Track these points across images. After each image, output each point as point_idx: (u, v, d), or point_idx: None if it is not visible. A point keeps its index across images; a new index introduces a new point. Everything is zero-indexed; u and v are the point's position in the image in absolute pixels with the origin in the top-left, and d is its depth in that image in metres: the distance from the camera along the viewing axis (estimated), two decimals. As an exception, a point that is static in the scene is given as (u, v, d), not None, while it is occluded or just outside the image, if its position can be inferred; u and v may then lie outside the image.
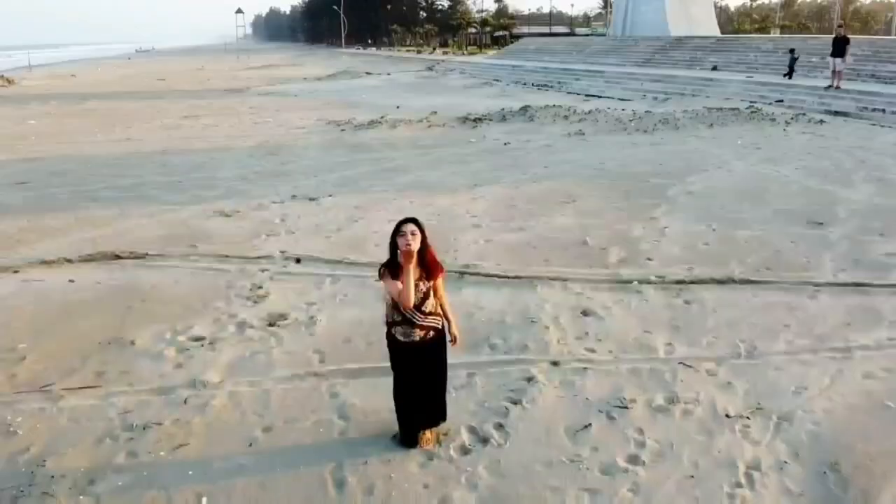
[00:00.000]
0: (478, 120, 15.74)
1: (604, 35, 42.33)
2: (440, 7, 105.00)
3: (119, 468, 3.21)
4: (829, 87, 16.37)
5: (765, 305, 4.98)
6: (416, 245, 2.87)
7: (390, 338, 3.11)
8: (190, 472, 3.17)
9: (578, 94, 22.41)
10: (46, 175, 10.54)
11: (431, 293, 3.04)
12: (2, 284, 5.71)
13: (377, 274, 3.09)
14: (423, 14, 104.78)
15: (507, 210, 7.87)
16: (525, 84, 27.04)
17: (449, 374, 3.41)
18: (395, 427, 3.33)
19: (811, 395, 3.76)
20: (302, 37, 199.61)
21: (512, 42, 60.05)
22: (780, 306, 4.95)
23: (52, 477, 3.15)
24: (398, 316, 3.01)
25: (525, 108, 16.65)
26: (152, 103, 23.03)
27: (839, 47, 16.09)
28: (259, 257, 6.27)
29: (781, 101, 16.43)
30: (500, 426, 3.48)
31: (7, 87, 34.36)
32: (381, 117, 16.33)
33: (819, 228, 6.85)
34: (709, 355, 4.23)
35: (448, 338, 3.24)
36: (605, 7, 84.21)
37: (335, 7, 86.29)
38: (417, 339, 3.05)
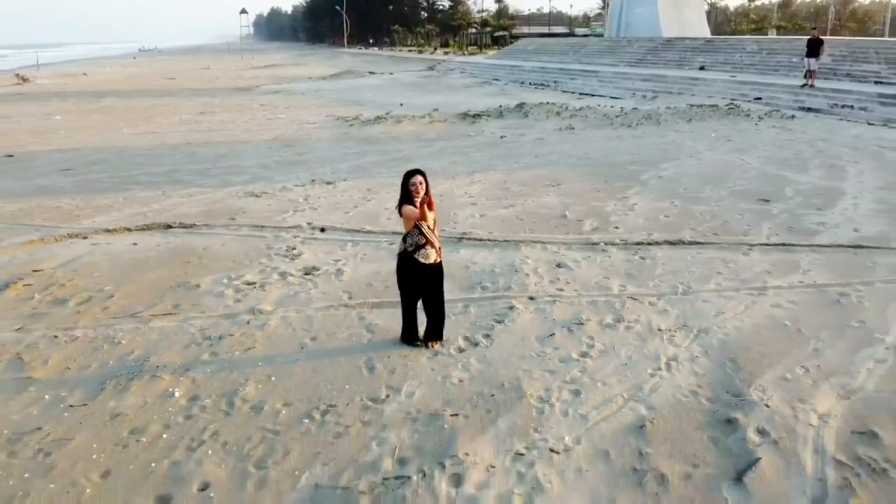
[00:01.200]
0: (476, 116, 16.91)
1: (601, 35, 43.48)
2: (441, 7, 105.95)
3: (205, 362, 4.38)
4: (804, 85, 17.54)
5: (705, 259, 6.14)
6: (423, 188, 4.06)
7: (410, 262, 4.24)
8: (259, 364, 4.33)
9: (573, 93, 23.57)
10: (86, 163, 11.71)
11: (425, 221, 4.18)
12: (77, 246, 6.87)
13: (397, 211, 4.26)
14: (424, 14, 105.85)
15: (500, 192, 9.02)
16: (523, 83, 28.21)
17: (448, 306, 4.59)
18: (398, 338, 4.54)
19: (727, 318, 4.92)
20: (303, 36, 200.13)
21: (511, 42, 61.19)
22: (717, 260, 6.12)
23: (157, 367, 4.31)
24: (422, 239, 4.16)
25: (521, 106, 17.82)
26: (167, 101, 24.20)
27: (813, 48, 17.27)
28: (290, 227, 7.43)
29: (760, 98, 17.59)
30: (486, 335, 4.64)
31: (23, 85, 35.60)
32: (386, 114, 17.49)
33: (765, 204, 8.01)
34: (653, 293, 5.39)
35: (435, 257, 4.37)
36: (604, 7, 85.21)
37: (338, 7, 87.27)
38: (432, 260, 4.21)
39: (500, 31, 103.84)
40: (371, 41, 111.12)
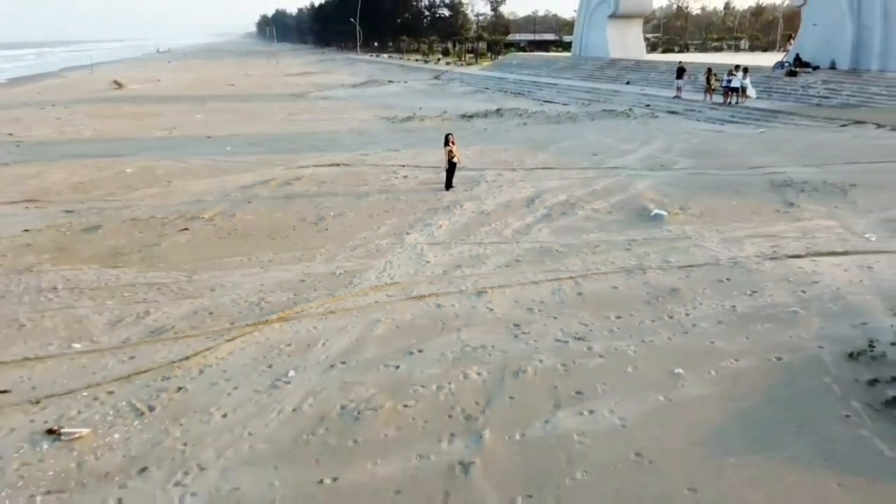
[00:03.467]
0: (471, 116, 26.60)
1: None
2: (441, 15, 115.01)
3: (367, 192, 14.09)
4: (675, 97, 27.29)
5: (558, 174, 15.83)
6: (455, 142, 13.90)
7: (449, 162, 13.94)
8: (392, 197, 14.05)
9: (537, 100, 33.27)
10: (257, 142, 21.36)
11: (455, 154, 13.90)
12: (306, 171, 16.54)
13: (444, 144, 14.00)
14: (426, 23, 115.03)
15: (480, 153, 18.68)
16: (506, 92, 37.90)
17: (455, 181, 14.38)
18: (444, 186, 14.23)
19: (554, 184, 14.61)
20: (310, 39, 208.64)
21: (505, 51, 70.93)
22: (561, 171, 15.82)
23: (368, 193, 14.01)
24: (451, 156, 13.89)
25: (499, 110, 27.57)
26: (253, 104, 33.83)
27: (679, 72, 27.07)
28: (388, 165, 17.13)
29: (648, 105, 27.29)
30: (467, 190, 14.35)
31: (120, 90, 45.01)
32: (413, 115, 27.21)
33: (594, 156, 17.70)
34: (532, 179, 15.12)
35: (458, 164, 14.10)
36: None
37: (352, 20, 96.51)
38: (455, 161, 13.95)
39: (495, 38, 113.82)
40: (375, 44, 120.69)
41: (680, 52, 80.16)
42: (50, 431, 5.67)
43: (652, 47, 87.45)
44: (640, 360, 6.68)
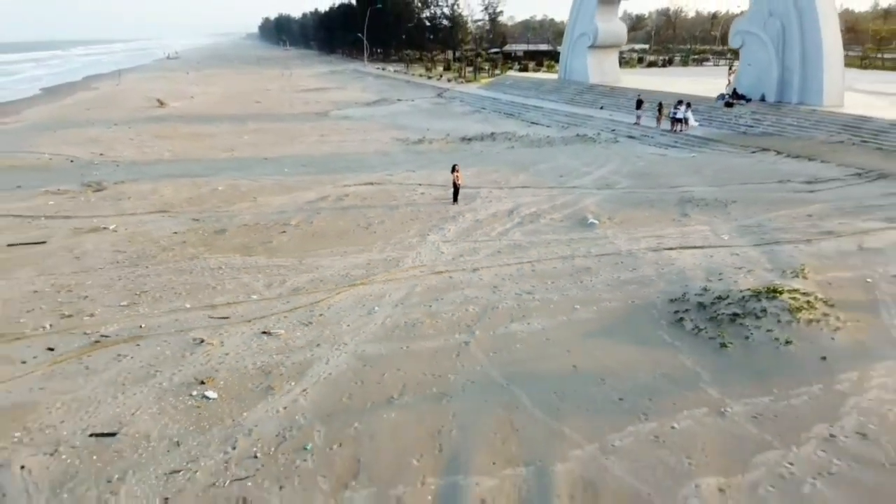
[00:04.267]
0: (470, 139, 32.43)
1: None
2: (442, 25, 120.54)
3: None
4: (635, 123, 33.15)
5: (531, 192, 21.67)
6: (459, 170, 19.78)
7: (454, 185, 19.79)
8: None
9: (526, 121, 39.09)
10: (306, 162, 27.16)
11: (459, 179, 19.76)
12: (349, 188, 22.39)
13: (451, 171, 19.87)
14: (428, 34, 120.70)
15: (477, 174, 24.49)
16: (500, 112, 43.73)
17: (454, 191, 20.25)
18: (451, 200, 20.08)
19: (527, 200, 20.47)
20: (315, 45, 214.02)
21: (503, 68, 76.85)
22: (534, 190, 21.65)
23: (370, 206, 19.88)
24: (456, 181, 19.74)
25: (492, 134, 33.41)
26: (286, 125, 39.51)
27: (638, 104, 32.94)
28: (410, 184, 22.96)
29: (613, 130, 33.14)
30: (468, 203, 20.20)
31: (163, 108, 50.69)
32: (423, 138, 33.01)
33: (560, 177, 23.53)
34: (513, 196, 20.97)
35: (460, 186, 19.96)
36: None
37: (359, 34, 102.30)
38: (458, 184, 19.78)
39: (493, 50, 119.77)
40: (380, 51, 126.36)
41: (663, 66, 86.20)
42: (264, 332, 11.55)
43: (639, 60, 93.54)
44: (558, 303, 12.56)
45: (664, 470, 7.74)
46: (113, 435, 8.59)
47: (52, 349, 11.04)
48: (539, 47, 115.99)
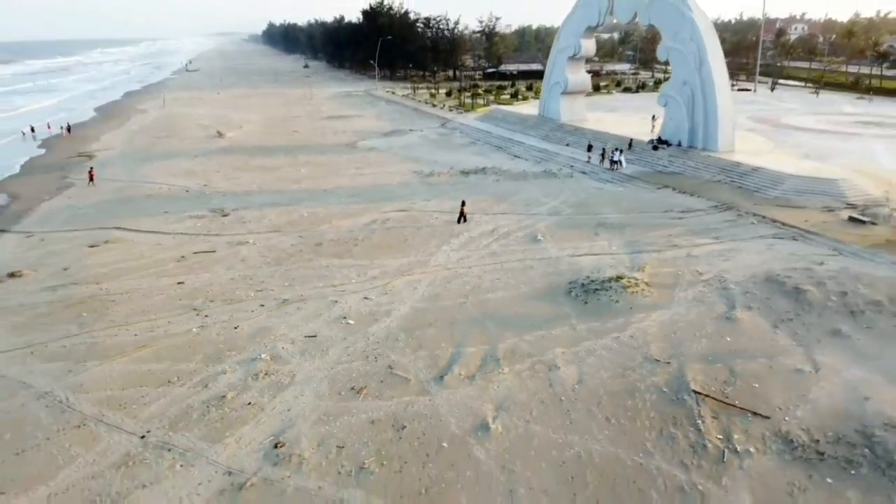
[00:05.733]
0: (467, 173, 43.84)
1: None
2: (444, 49, 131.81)
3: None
4: (587, 161, 44.58)
5: (506, 216, 33.12)
6: (465, 203, 31.39)
7: (461, 213, 31.23)
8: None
9: (511, 155, 50.46)
10: (357, 193, 38.63)
11: (465, 210, 31.24)
12: (389, 214, 33.83)
13: (461, 204, 31.38)
14: (431, 55, 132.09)
15: (473, 202, 35.87)
16: (490, 144, 55.11)
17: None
18: (456, 221, 31.56)
19: (506, 226, 31.95)
20: (324, 57, 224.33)
21: (497, 95, 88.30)
22: (506, 218, 33.12)
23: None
24: (464, 211, 31.23)
25: (484, 168, 44.81)
26: (327, 157, 50.85)
27: (589, 148, 44.41)
28: (428, 210, 34.39)
29: (572, 166, 44.51)
30: (472, 222, 31.68)
31: (223, 139, 61.73)
32: (433, 171, 44.40)
33: (527, 206, 34.91)
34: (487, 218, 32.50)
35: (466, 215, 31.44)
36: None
37: (371, 61, 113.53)
38: (465, 214, 31.27)
39: (490, 69, 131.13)
40: (387, 71, 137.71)
41: (636, 91, 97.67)
42: (365, 297, 23.12)
43: (617, 84, 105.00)
44: (513, 285, 24.07)
45: (547, 344, 19.25)
46: (314, 336, 20.14)
47: (262, 305, 22.58)
48: (531, 66, 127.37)
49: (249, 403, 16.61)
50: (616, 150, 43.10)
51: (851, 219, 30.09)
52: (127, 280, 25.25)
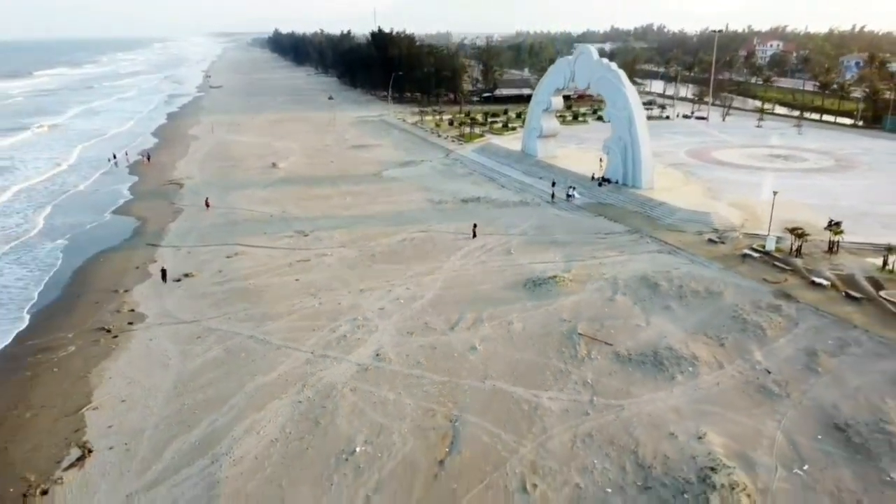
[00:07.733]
0: (466, 201, 60.12)
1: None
2: (446, 76, 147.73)
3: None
4: (552, 195, 60.80)
5: (492, 237, 49.54)
6: (476, 225, 48.00)
7: (473, 231, 47.61)
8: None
9: (499, 185, 66.61)
10: (389, 218, 54.97)
11: (476, 231, 47.65)
12: (416, 234, 50.25)
13: (473, 226, 47.87)
14: (434, 80, 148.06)
15: (470, 224, 52.28)
16: (484, 175, 71.29)
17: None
18: (465, 236, 48.02)
19: (480, 245, 48.36)
20: (334, 73, 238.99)
21: (492, 126, 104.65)
22: (492, 237, 49.54)
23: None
24: (475, 231, 47.66)
25: (478, 198, 61.10)
26: (361, 187, 66.69)
27: (553, 184, 60.69)
28: (442, 231, 50.78)
29: (541, 197, 60.66)
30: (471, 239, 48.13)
31: (279, 170, 77.59)
32: (442, 199, 60.72)
33: (507, 228, 51.25)
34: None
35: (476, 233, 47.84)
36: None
37: (384, 93, 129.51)
38: (475, 233, 47.74)
39: (486, 94, 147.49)
40: (396, 95, 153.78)
41: (608, 121, 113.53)
42: (407, 288, 39.68)
43: (593, 112, 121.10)
44: (494, 280, 40.47)
45: (509, 312, 35.73)
46: (383, 308, 36.68)
47: (349, 292, 39.12)
48: (523, 91, 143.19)
49: (358, 339, 33.08)
50: (571, 187, 59.45)
51: (710, 240, 46.53)
52: (263, 278, 41.69)
